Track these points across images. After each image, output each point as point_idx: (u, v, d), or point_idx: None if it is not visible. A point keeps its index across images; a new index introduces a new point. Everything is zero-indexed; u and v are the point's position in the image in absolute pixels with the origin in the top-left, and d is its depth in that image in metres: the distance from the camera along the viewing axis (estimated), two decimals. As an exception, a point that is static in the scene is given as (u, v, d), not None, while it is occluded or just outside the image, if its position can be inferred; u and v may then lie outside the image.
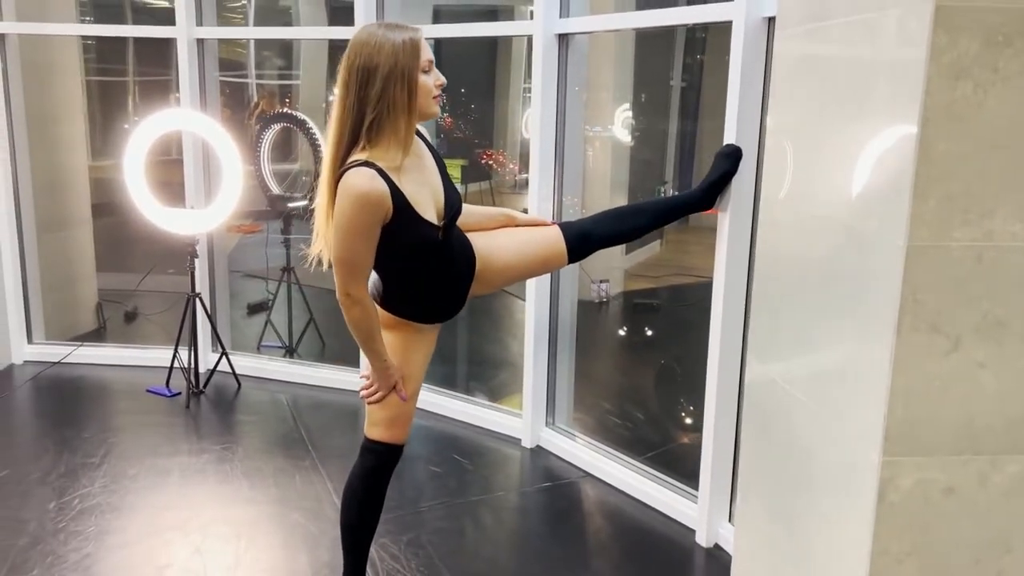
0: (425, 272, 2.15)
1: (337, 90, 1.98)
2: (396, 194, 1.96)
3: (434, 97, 2.01)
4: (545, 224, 2.38)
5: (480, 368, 4.68)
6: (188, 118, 4.01)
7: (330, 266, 2.08)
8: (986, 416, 1.32)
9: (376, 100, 1.92)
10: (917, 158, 1.23)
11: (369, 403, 2.24)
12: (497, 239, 2.34)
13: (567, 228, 2.43)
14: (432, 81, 2.00)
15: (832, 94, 1.47)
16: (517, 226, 2.36)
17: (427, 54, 1.98)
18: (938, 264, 1.27)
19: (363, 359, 2.26)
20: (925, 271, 1.26)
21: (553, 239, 2.39)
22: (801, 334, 1.58)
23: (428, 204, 2.08)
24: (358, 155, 1.96)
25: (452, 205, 2.16)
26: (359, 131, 1.96)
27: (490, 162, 6.69)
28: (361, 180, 1.91)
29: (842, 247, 1.42)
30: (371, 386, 2.21)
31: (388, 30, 1.96)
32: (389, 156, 1.98)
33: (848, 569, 1.40)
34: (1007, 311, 1.29)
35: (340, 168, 1.96)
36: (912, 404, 1.30)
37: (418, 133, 2.13)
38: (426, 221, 2.05)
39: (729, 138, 2.63)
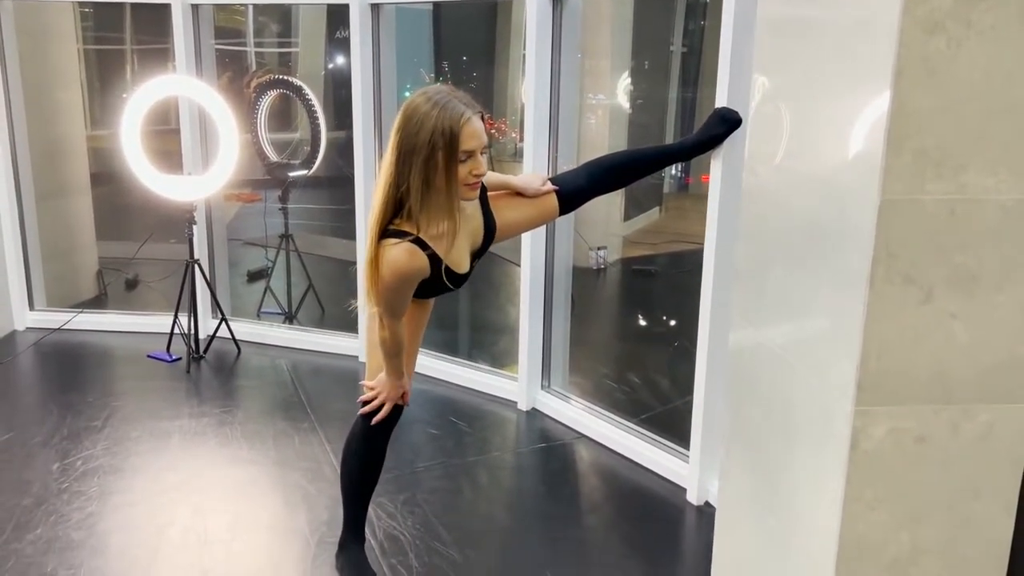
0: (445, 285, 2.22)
1: (386, 154, 1.96)
2: (435, 260, 2.02)
3: (467, 185, 1.96)
4: (549, 194, 2.40)
5: (479, 334, 4.72)
6: (183, 84, 4.01)
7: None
8: (958, 366, 1.35)
9: (417, 182, 1.91)
10: (891, 112, 1.25)
11: (367, 410, 2.31)
12: (497, 203, 2.37)
13: (560, 186, 2.45)
14: (467, 171, 1.94)
15: (811, 51, 1.49)
16: (525, 195, 2.37)
17: (467, 143, 1.90)
18: (912, 217, 1.29)
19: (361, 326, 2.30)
20: (899, 224, 1.29)
21: (547, 198, 2.42)
22: (782, 290, 1.61)
23: (465, 255, 2.15)
24: (404, 224, 1.98)
25: (489, 237, 2.23)
26: (404, 202, 1.95)
27: (492, 130, 6.69)
28: (402, 257, 1.94)
29: (822, 203, 1.45)
30: (375, 392, 2.29)
31: (435, 107, 1.89)
32: (432, 226, 1.98)
33: (824, 517, 1.44)
34: (979, 263, 1.31)
35: (383, 229, 1.97)
36: (885, 355, 1.33)
37: None
38: (459, 274, 2.12)
39: (720, 102, 2.64)
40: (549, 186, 2.39)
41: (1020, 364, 1.35)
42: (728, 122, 2.55)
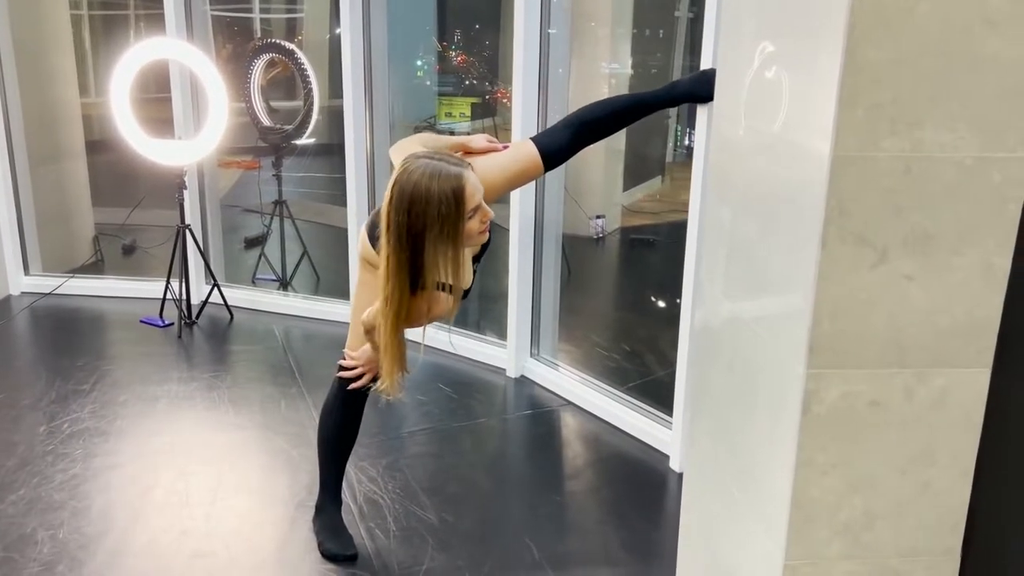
0: None
1: (386, 239, 1.91)
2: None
3: (481, 232, 1.97)
4: (497, 150, 2.36)
5: (484, 303, 4.71)
6: (171, 48, 3.98)
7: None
8: (913, 329, 1.31)
9: (433, 256, 1.89)
10: (844, 65, 1.21)
11: (345, 376, 2.33)
12: (484, 166, 2.34)
13: (542, 142, 2.42)
14: (478, 221, 1.94)
15: (771, 5, 1.44)
16: (472, 153, 2.33)
17: (473, 201, 1.90)
18: (865, 175, 1.25)
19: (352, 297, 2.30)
20: (852, 182, 1.25)
21: (531, 156, 2.37)
22: (743, 252, 1.58)
23: (469, 269, 2.18)
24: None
25: (487, 242, 2.22)
26: (419, 277, 1.94)
27: (505, 100, 6.61)
28: (442, 307, 1.99)
29: (778, 162, 1.41)
30: (356, 362, 2.30)
31: (432, 178, 1.85)
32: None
33: (778, 481, 1.42)
34: (935, 223, 1.27)
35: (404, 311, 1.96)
36: (838, 317, 1.30)
37: None
38: (463, 291, 2.15)
39: (706, 64, 2.60)
40: (495, 145, 2.35)
41: (977, 328, 1.31)
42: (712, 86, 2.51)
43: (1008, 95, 1.23)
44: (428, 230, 1.87)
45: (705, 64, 2.59)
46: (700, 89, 2.47)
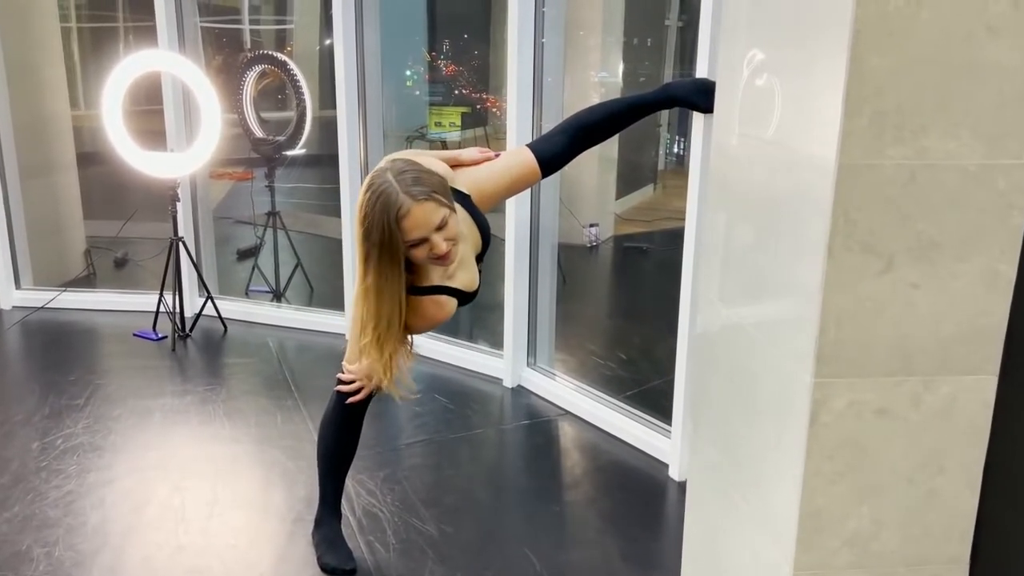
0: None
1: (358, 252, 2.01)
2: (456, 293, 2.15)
3: (433, 260, 1.97)
4: (490, 159, 2.37)
5: (479, 313, 4.70)
6: (163, 60, 3.97)
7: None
8: (919, 337, 1.31)
9: (378, 273, 1.95)
10: (848, 73, 1.20)
11: (344, 391, 2.32)
12: (479, 176, 2.34)
13: (538, 149, 2.42)
14: (424, 252, 1.94)
15: (772, 13, 1.44)
16: (464, 165, 2.34)
17: (411, 235, 1.89)
18: (871, 183, 1.24)
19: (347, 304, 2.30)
20: (857, 190, 1.24)
21: (527, 163, 2.39)
22: (745, 261, 1.57)
23: (473, 271, 2.20)
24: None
25: (486, 238, 2.25)
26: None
27: (495, 109, 6.62)
28: (438, 311, 2.10)
29: (781, 170, 1.40)
30: (354, 377, 2.29)
31: (377, 200, 1.88)
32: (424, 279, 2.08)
33: (784, 491, 1.41)
34: (941, 230, 1.27)
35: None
36: (844, 325, 1.29)
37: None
38: (470, 293, 2.20)
39: (701, 73, 2.60)
40: (488, 154, 2.36)
41: (983, 335, 1.31)
42: (710, 95, 2.50)
43: (1011, 102, 1.23)
44: (372, 248, 1.92)
45: (699, 71, 2.59)
46: (698, 99, 2.47)
